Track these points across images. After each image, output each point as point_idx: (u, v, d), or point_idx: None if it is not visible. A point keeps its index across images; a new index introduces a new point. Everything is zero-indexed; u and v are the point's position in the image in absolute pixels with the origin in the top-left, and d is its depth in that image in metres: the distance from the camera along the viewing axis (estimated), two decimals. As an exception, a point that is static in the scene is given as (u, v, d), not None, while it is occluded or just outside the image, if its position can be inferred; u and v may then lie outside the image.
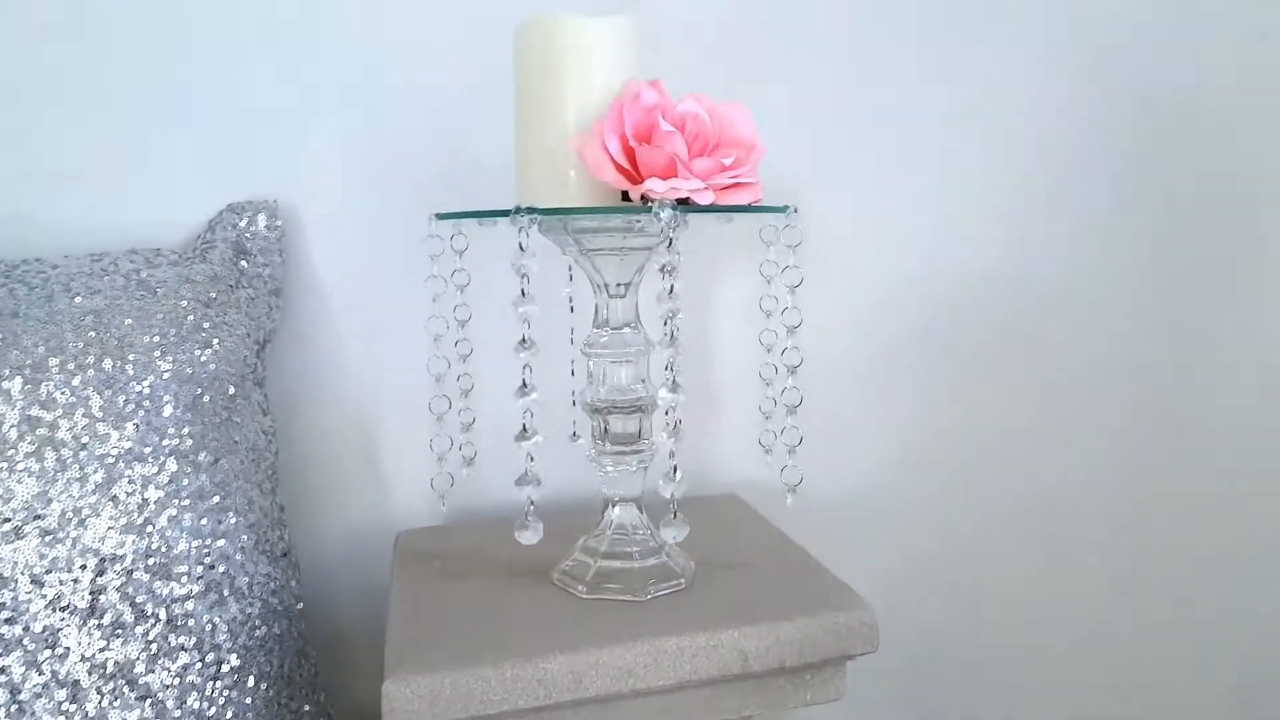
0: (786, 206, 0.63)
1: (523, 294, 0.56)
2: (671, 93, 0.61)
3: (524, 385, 0.58)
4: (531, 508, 0.61)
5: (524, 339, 0.57)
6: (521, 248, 0.56)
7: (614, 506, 0.68)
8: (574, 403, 0.78)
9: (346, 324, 0.85)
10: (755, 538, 0.78)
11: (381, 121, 0.83)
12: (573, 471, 0.84)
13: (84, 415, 0.65)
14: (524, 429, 0.59)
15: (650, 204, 0.56)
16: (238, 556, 0.69)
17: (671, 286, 0.56)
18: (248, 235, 0.79)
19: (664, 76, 0.61)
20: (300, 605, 0.76)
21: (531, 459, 0.59)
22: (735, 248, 0.90)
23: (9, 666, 0.61)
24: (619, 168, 0.58)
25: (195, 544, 0.67)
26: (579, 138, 0.59)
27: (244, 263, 0.78)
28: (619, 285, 0.66)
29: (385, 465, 0.87)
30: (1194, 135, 1.03)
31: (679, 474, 0.58)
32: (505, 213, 0.57)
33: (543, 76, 0.63)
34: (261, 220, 0.79)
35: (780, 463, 0.65)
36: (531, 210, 0.56)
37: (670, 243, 0.55)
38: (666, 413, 0.58)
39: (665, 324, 0.56)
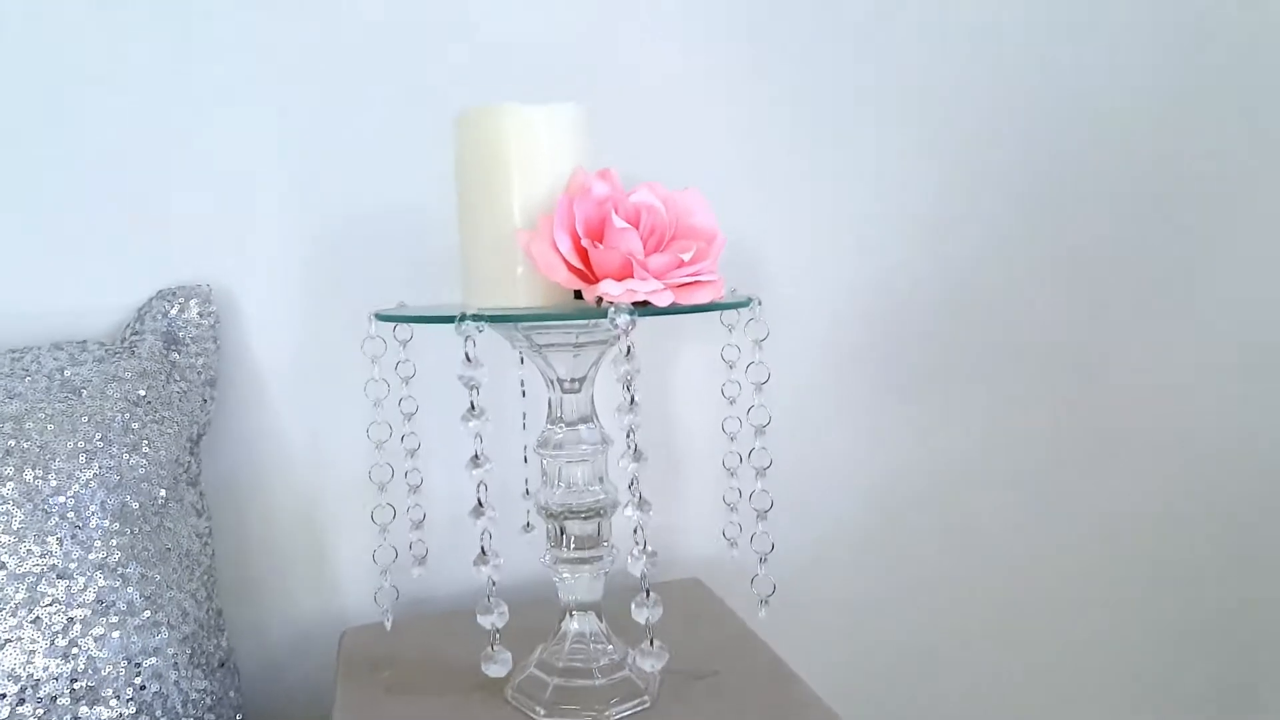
0: (750, 300, 0.60)
1: (472, 407, 0.53)
2: (623, 176, 0.59)
3: (476, 457, 0.54)
4: (497, 634, 0.57)
5: (476, 455, 0.53)
6: (468, 358, 0.52)
7: (572, 616, 0.65)
8: (525, 491, 0.75)
9: (288, 413, 0.80)
10: (722, 635, 0.75)
11: (323, 202, 0.79)
12: (527, 558, 0.81)
13: (4, 532, 0.60)
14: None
15: (606, 307, 0.53)
16: (171, 674, 0.64)
17: (632, 398, 0.53)
18: (179, 324, 0.75)
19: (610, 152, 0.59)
20: (239, 717, 0.71)
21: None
22: (694, 326, 0.87)
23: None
24: (571, 267, 0.55)
25: (124, 664, 0.62)
26: (526, 234, 0.56)
27: (175, 355, 0.74)
28: (573, 380, 0.63)
29: (330, 559, 0.83)
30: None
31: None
32: (450, 318, 0.54)
33: (486, 168, 0.60)
34: (194, 307, 0.75)
35: (745, 556, 0.62)
36: (478, 317, 0.53)
37: (629, 351, 0.52)
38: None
39: (628, 437, 0.53)
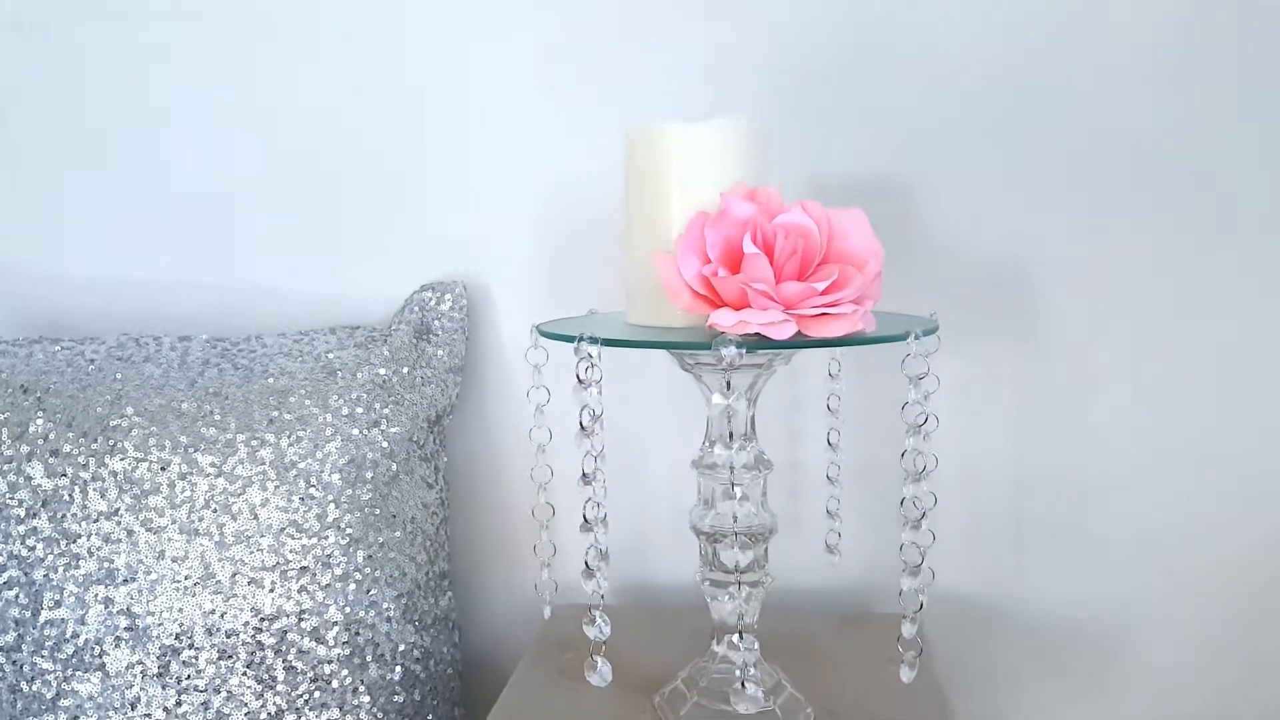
0: (906, 334, 0.54)
1: (582, 428, 0.54)
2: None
3: (585, 475, 0.55)
4: (601, 646, 0.58)
5: (585, 474, 0.54)
6: (579, 379, 0.53)
7: (718, 640, 0.64)
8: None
9: (527, 400, 0.86)
10: (879, 673, 0.69)
11: (568, 209, 0.84)
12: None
13: (259, 489, 0.72)
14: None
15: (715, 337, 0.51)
16: (383, 626, 0.74)
17: (730, 433, 0.50)
18: (434, 315, 0.83)
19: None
20: (451, 671, 0.79)
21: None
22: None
23: (187, 713, 0.70)
24: (695, 294, 0.53)
25: (344, 611, 0.72)
26: (662, 256, 0.55)
27: (425, 345, 0.83)
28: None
29: (557, 536, 0.88)
30: None
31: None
32: (572, 338, 0.55)
33: (647, 185, 0.60)
34: (448, 301, 0.84)
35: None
36: (593, 340, 0.53)
37: (729, 385, 0.50)
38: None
39: (729, 473, 0.51)
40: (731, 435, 0.51)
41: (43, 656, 0.71)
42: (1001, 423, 0.83)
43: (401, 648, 0.75)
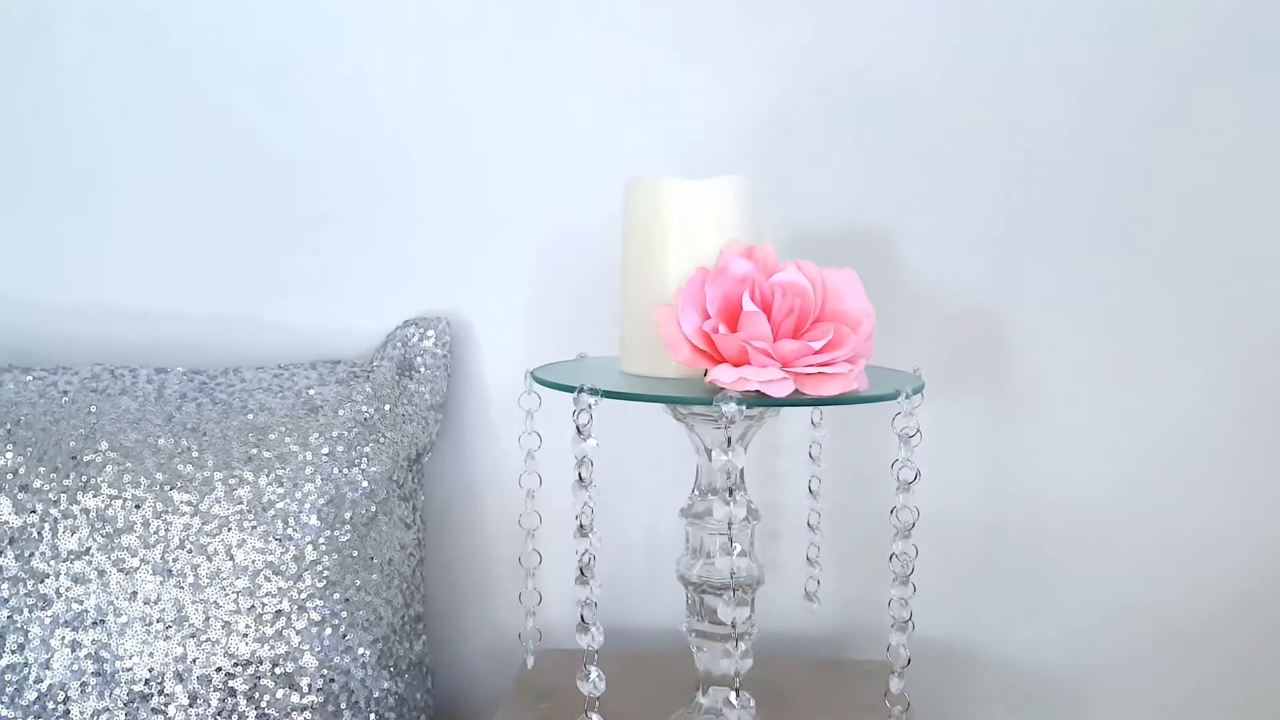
0: (897, 392, 0.55)
1: (580, 479, 0.54)
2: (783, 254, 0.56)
3: (582, 528, 0.54)
4: (595, 703, 0.57)
5: (582, 526, 0.54)
6: (579, 431, 0.53)
7: (704, 690, 0.64)
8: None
9: (509, 439, 0.86)
10: None
11: (553, 247, 0.85)
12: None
13: (236, 530, 0.71)
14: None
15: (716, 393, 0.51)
16: (358, 672, 0.72)
17: (730, 489, 0.51)
18: (417, 351, 0.83)
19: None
20: (424, 718, 0.78)
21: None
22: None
23: (150, 753, 0.68)
24: (695, 348, 0.54)
25: (318, 657, 0.71)
26: (661, 309, 0.56)
27: (408, 382, 0.82)
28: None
29: (537, 578, 0.87)
30: None
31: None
32: (572, 388, 0.55)
33: (646, 237, 0.60)
34: (431, 337, 0.83)
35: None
36: (593, 391, 0.53)
37: (730, 442, 0.50)
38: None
39: (729, 527, 0.51)
40: (731, 491, 0.51)
41: (2, 703, 0.69)
42: (974, 469, 0.84)
43: (376, 694, 0.74)
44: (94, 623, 0.69)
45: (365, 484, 0.75)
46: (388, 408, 0.79)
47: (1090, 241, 0.81)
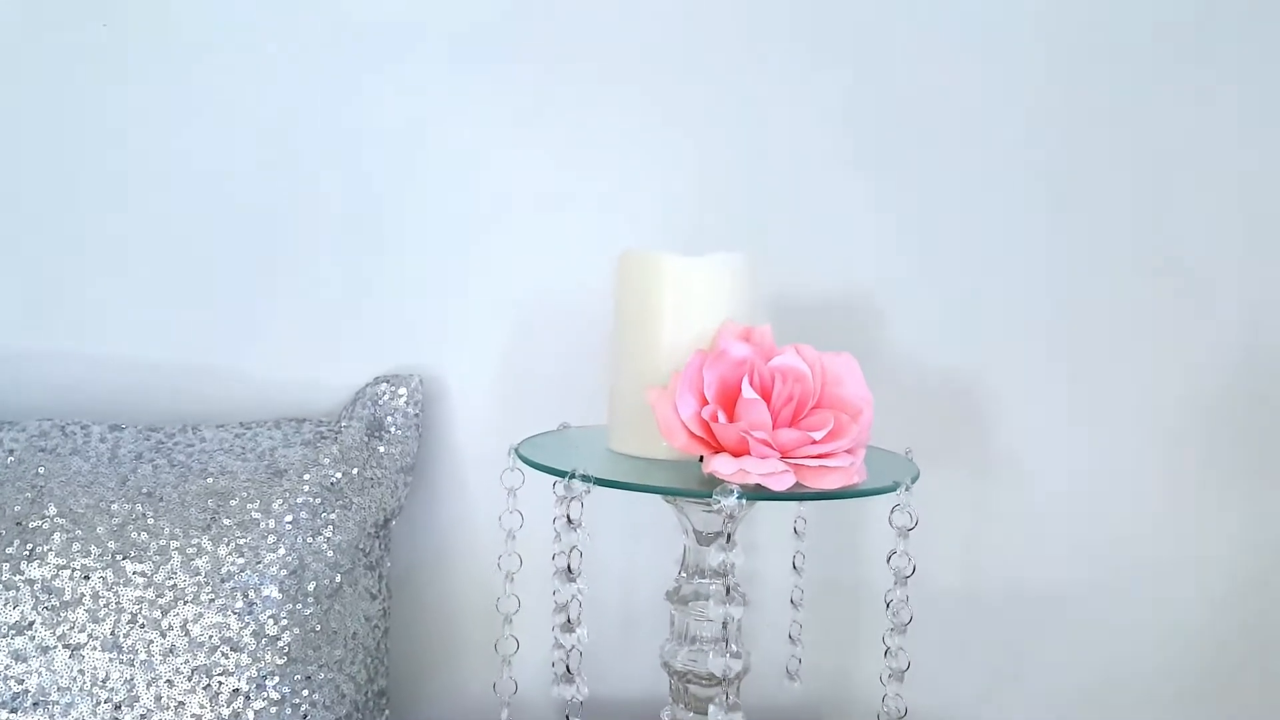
0: (896, 485, 0.54)
1: (569, 571, 0.51)
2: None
3: (569, 623, 0.52)
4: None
5: (569, 620, 0.52)
6: (570, 520, 0.51)
7: (686, 781, 0.61)
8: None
9: (482, 503, 0.84)
10: None
11: (533, 307, 0.83)
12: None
13: (193, 602, 0.67)
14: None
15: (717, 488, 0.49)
16: (319, 754, 0.69)
17: (728, 588, 0.49)
18: (388, 410, 0.80)
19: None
20: (385, 801, 0.75)
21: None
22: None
23: (91, 845, 0.63)
24: (692, 435, 0.52)
25: (279, 738, 0.67)
26: (655, 391, 0.54)
27: (378, 443, 0.79)
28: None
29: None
30: None
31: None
32: (563, 473, 0.52)
33: (638, 313, 0.59)
34: (402, 395, 0.80)
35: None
36: (585, 478, 0.51)
37: (729, 537, 0.48)
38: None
39: (723, 628, 0.49)
40: (729, 590, 0.49)
41: (-67, 789, 0.64)
42: (954, 541, 0.83)
43: (338, 776, 0.70)
44: (35, 704, 0.64)
45: (330, 553, 0.72)
46: (356, 471, 0.76)
47: (1069, 312, 0.81)
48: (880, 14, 0.80)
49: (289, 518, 0.71)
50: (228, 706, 0.66)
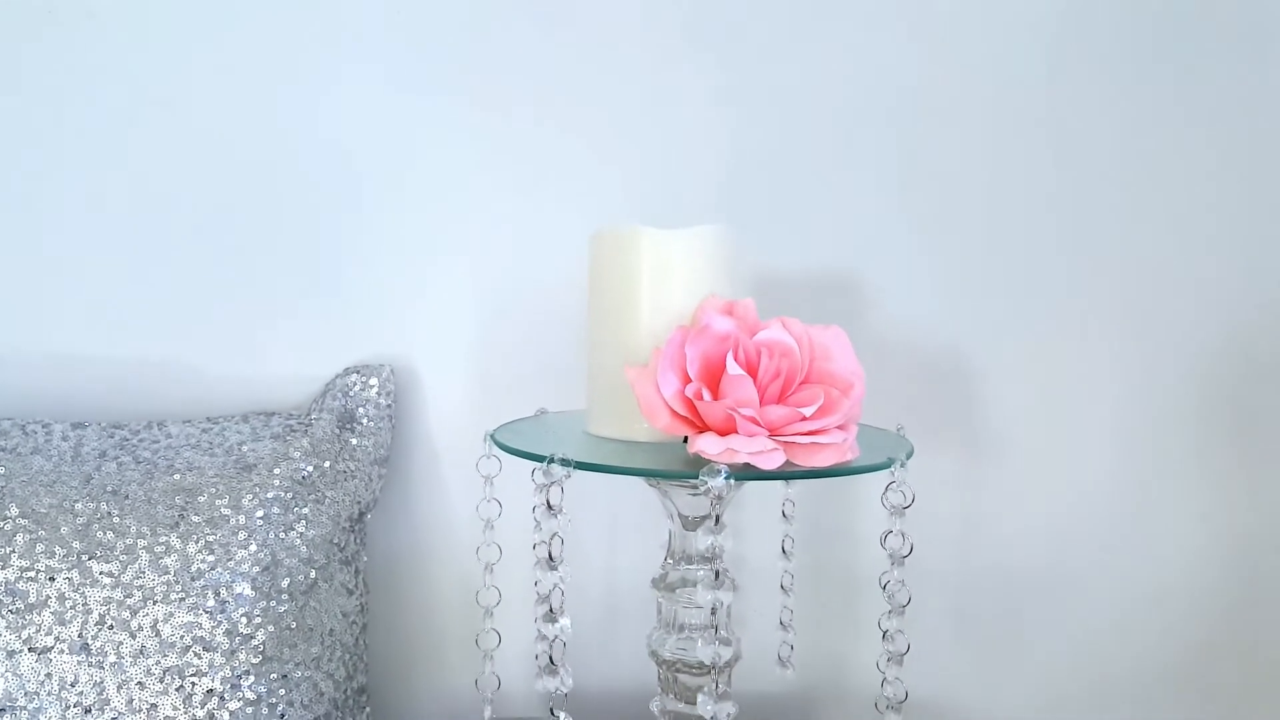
0: (890, 461, 0.52)
1: (551, 559, 0.49)
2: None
3: (551, 612, 0.50)
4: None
5: (551, 610, 0.50)
6: (550, 506, 0.49)
7: (677, 771, 0.60)
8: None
9: (457, 494, 0.82)
10: None
11: (508, 296, 0.81)
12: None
13: (163, 602, 0.65)
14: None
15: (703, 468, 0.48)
16: (297, 755, 0.67)
17: (717, 572, 0.47)
18: (359, 401, 0.78)
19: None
20: (368, 800, 0.73)
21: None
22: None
23: None
24: (675, 414, 0.50)
25: (255, 739, 0.65)
26: (635, 370, 0.52)
27: (349, 435, 0.77)
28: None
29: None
30: None
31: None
32: (541, 458, 0.50)
33: (614, 292, 0.57)
34: (374, 386, 0.78)
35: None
36: (565, 461, 0.49)
37: (717, 520, 0.47)
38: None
39: (712, 614, 0.47)
40: (718, 575, 0.47)
41: (-107, 803, 0.61)
42: (945, 522, 0.82)
43: (318, 776, 0.68)
44: (1, 709, 0.62)
45: (304, 549, 0.70)
46: (328, 464, 0.74)
47: (1065, 289, 0.80)
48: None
49: (260, 513, 0.69)
50: (202, 708, 0.64)
